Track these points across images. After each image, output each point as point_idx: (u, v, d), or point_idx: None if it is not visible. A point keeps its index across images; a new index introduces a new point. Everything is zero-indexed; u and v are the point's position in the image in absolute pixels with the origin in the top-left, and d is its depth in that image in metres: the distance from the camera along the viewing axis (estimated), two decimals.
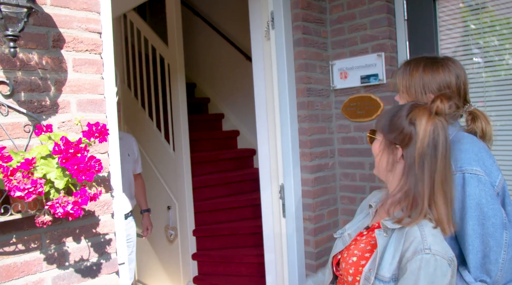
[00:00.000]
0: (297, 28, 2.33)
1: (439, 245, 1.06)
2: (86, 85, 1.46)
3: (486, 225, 1.18)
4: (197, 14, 4.90)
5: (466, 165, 1.22)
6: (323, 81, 2.43)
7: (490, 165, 1.23)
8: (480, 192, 1.19)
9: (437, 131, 1.12)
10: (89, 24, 1.47)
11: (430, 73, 1.35)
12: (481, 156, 1.24)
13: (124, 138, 2.94)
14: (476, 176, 1.20)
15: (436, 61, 1.37)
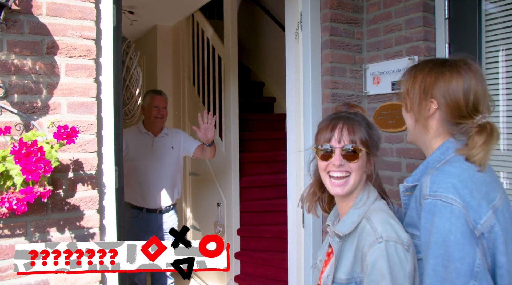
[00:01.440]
0: (325, 29, 2.20)
1: (390, 231, 1.06)
2: (77, 88, 1.56)
3: (449, 269, 0.97)
4: (267, 12, 4.90)
5: (442, 190, 1.01)
6: (354, 86, 2.26)
7: (478, 198, 1.01)
8: (451, 227, 0.98)
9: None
10: (83, 32, 1.57)
11: (434, 76, 1.13)
12: (467, 185, 1.01)
13: (170, 134, 3.08)
14: (450, 205, 0.99)
15: (445, 63, 1.15)
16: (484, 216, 1.00)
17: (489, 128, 1.07)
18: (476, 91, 1.09)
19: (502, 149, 1.83)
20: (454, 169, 1.05)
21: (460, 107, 1.09)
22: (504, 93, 1.82)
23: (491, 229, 1.00)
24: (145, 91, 3.11)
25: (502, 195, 1.08)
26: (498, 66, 1.83)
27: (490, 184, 1.06)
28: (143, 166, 2.92)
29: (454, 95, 1.09)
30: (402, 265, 1.03)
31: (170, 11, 4.16)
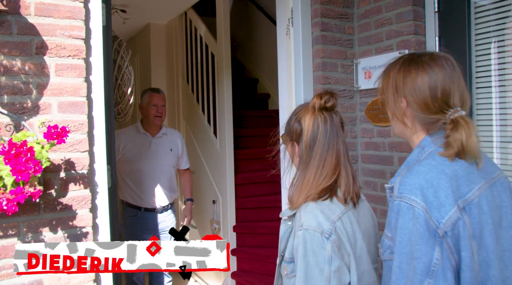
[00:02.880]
0: (315, 25, 2.20)
1: (311, 220, 1.16)
2: (67, 88, 1.56)
3: (411, 267, 1.01)
4: (260, 9, 4.90)
5: (407, 192, 1.03)
6: (345, 81, 2.27)
7: (443, 197, 1.01)
8: (412, 227, 1.01)
9: (317, 124, 1.26)
10: (73, 31, 1.57)
11: (402, 74, 1.14)
12: (434, 183, 1.02)
13: (169, 134, 3.09)
14: (412, 207, 1.01)
15: (412, 60, 1.14)
16: (446, 215, 1.00)
17: (463, 122, 1.05)
18: (443, 86, 1.08)
19: (495, 141, 1.84)
20: (423, 167, 1.06)
21: (428, 103, 1.10)
22: (496, 86, 1.83)
23: (454, 226, 1.00)
24: (142, 90, 3.13)
25: (484, 185, 1.07)
26: (488, 58, 1.84)
27: (464, 176, 1.05)
28: (141, 166, 2.92)
29: (420, 92, 1.10)
30: (317, 252, 1.13)
31: (162, 9, 4.15)
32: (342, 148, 1.27)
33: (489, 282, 1.03)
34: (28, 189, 1.22)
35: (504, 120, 1.80)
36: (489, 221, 1.04)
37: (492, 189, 1.09)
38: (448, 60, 1.13)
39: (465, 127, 1.05)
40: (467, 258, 1.00)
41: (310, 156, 1.26)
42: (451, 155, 1.05)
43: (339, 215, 1.19)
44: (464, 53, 1.85)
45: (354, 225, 1.20)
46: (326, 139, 1.26)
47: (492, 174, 1.11)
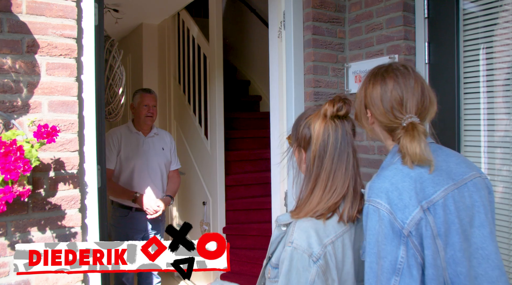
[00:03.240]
0: (307, 28, 2.22)
1: (303, 240, 1.12)
2: (58, 87, 1.56)
3: (379, 265, 1.08)
4: (253, 11, 4.92)
5: (374, 195, 1.10)
6: (336, 84, 2.29)
7: (407, 198, 1.07)
8: (379, 229, 1.08)
9: (327, 133, 1.19)
10: (64, 30, 1.56)
11: (364, 87, 1.24)
12: (398, 186, 1.08)
13: (160, 134, 3.11)
14: (378, 210, 1.08)
15: (373, 74, 1.24)
16: (410, 215, 1.06)
17: (410, 128, 1.12)
18: (394, 95, 1.16)
19: (483, 146, 1.87)
20: (389, 172, 1.12)
21: (383, 113, 1.18)
22: (484, 91, 1.87)
23: (417, 226, 1.06)
24: (134, 90, 3.12)
25: (452, 186, 1.12)
26: (476, 64, 1.87)
27: (430, 179, 1.10)
28: (133, 165, 2.92)
29: (375, 103, 1.19)
30: (301, 273, 1.11)
31: (155, 9, 4.14)
32: (352, 159, 1.21)
33: (457, 279, 1.08)
34: (17, 188, 1.21)
35: (492, 125, 1.83)
36: (455, 220, 1.10)
37: (463, 189, 1.13)
38: (399, 70, 1.20)
39: (410, 133, 1.12)
40: (429, 256, 1.05)
41: (319, 168, 1.20)
42: (407, 162, 1.11)
43: (333, 238, 1.15)
44: (453, 58, 1.88)
45: (346, 250, 1.18)
46: (337, 150, 1.20)
47: (463, 175, 1.15)
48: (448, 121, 1.91)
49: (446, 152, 1.19)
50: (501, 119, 1.79)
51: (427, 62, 1.99)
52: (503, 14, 1.77)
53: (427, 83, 1.23)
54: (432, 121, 1.24)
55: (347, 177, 1.20)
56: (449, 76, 1.90)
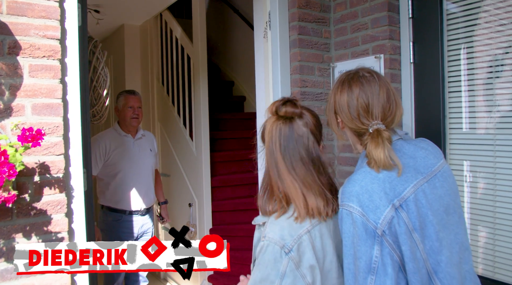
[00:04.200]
0: (293, 28, 2.22)
1: (275, 233, 1.16)
2: (42, 90, 1.52)
3: (356, 266, 1.12)
4: (236, 11, 4.91)
5: (346, 199, 1.14)
6: (322, 84, 2.30)
7: (377, 199, 1.11)
8: (353, 231, 1.12)
9: (274, 131, 1.24)
10: (47, 31, 1.52)
11: (333, 93, 1.28)
12: (368, 189, 1.13)
13: (147, 135, 3.10)
14: (350, 213, 1.12)
15: (341, 81, 1.27)
16: (381, 215, 1.10)
17: (375, 134, 1.16)
18: (360, 102, 1.20)
19: (467, 144, 1.91)
20: (358, 175, 1.16)
21: (350, 120, 1.22)
22: (466, 90, 1.90)
23: (390, 225, 1.10)
24: (116, 92, 3.09)
25: (421, 181, 1.16)
26: (459, 63, 1.90)
27: (398, 178, 1.14)
28: (125, 168, 2.89)
29: (343, 109, 1.23)
30: (273, 264, 1.14)
31: (137, 10, 4.09)
32: (307, 160, 1.22)
33: (438, 267, 1.13)
34: (1, 194, 1.17)
35: (475, 123, 1.87)
36: (428, 212, 1.14)
37: (433, 181, 1.18)
38: (365, 77, 1.23)
39: (375, 139, 1.16)
40: (407, 251, 1.09)
41: (271, 164, 1.25)
42: (373, 166, 1.15)
43: (309, 227, 1.18)
44: (437, 58, 1.91)
45: (325, 239, 1.19)
46: (286, 150, 1.23)
47: (431, 167, 1.21)
48: (433, 120, 1.94)
49: (413, 148, 1.23)
50: (484, 117, 1.83)
51: (412, 61, 2.01)
52: (483, 14, 1.81)
53: (413, 84, 1.27)
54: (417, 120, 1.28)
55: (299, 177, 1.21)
56: (433, 75, 1.93)
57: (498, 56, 1.77)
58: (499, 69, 1.77)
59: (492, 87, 1.80)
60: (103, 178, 2.90)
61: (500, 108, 1.78)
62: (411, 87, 2.02)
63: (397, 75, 2.05)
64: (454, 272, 1.13)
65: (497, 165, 1.77)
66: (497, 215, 1.77)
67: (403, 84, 2.04)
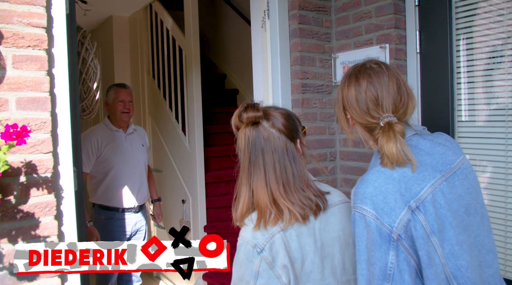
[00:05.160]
0: (293, 17, 2.12)
1: (248, 232, 1.14)
2: (27, 82, 1.40)
3: (370, 272, 1.05)
4: (228, 2, 4.78)
5: (359, 201, 1.07)
6: (323, 76, 2.21)
7: (392, 201, 1.04)
8: (367, 235, 1.05)
9: (241, 138, 1.21)
10: (32, 19, 1.40)
11: (341, 88, 1.22)
12: (382, 190, 1.05)
13: (138, 130, 2.99)
14: (364, 216, 1.05)
15: (348, 75, 1.21)
16: (397, 218, 1.03)
17: (387, 128, 1.09)
18: (369, 95, 1.13)
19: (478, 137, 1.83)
20: (371, 175, 1.09)
21: (360, 114, 1.15)
22: (475, 81, 1.82)
23: (406, 228, 1.03)
24: (105, 85, 2.96)
25: (439, 179, 1.08)
26: (469, 53, 1.82)
27: (414, 176, 1.07)
28: (117, 164, 2.79)
29: (351, 104, 1.16)
30: (246, 264, 1.12)
31: (125, 1, 3.94)
32: (277, 161, 1.18)
33: (458, 273, 1.05)
34: None
35: (486, 116, 1.80)
36: (447, 214, 1.07)
37: (452, 179, 1.10)
38: (372, 69, 1.16)
39: (386, 133, 1.08)
40: (424, 256, 1.02)
41: (242, 173, 1.23)
42: (386, 163, 1.07)
43: (282, 226, 1.13)
44: (445, 47, 1.83)
45: (303, 238, 1.14)
46: (252, 156, 1.19)
47: (451, 164, 1.13)
48: (440, 112, 1.86)
49: (430, 144, 1.15)
50: (495, 109, 1.76)
51: (419, 51, 1.93)
52: (496, 1, 1.73)
53: (419, 75, 1.19)
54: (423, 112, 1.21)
55: (270, 183, 1.17)
56: (441, 65, 1.85)
57: (510, 45, 1.69)
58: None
59: (504, 78, 1.72)
60: (95, 175, 2.78)
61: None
62: (417, 78, 1.94)
63: (403, 65, 1.96)
64: (474, 277, 1.06)
65: (509, 160, 1.70)
66: (509, 211, 1.71)
67: (409, 75, 1.96)
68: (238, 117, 1.22)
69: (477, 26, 1.80)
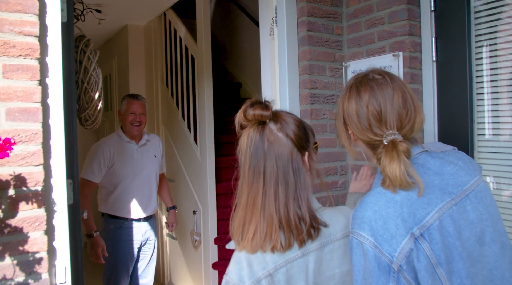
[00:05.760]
0: (301, 24, 2.03)
1: (235, 273, 1.02)
2: (18, 93, 1.35)
3: None
4: (243, 10, 4.73)
5: (357, 226, 0.97)
6: (334, 85, 2.10)
7: (393, 227, 0.92)
8: (364, 264, 0.94)
9: (246, 140, 1.05)
10: (24, 27, 1.36)
11: (341, 101, 1.11)
12: (382, 214, 0.94)
13: (151, 140, 2.95)
14: (361, 243, 0.94)
15: (349, 86, 1.10)
16: (398, 247, 0.91)
17: (390, 147, 0.98)
18: (371, 110, 1.02)
19: (498, 152, 1.69)
20: (371, 197, 0.98)
21: (360, 129, 1.05)
22: (497, 92, 1.69)
23: (408, 259, 0.91)
24: (120, 94, 2.93)
25: (448, 203, 0.97)
26: (490, 61, 1.69)
27: (419, 200, 0.95)
28: (127, 177, 2.75)
29: (352, 118, 1.06)
30: None
31: (140, 10, 3.94)
32: (280, 172, 1.04)
33: None
34: None
35: (506, 129, 1.65)
36: (457, 243, 0.94)
37: (464, 203, 0.99)
38: (375, 80, 1.04)
39: (390, 153, 0.96)
40: None
41: (241, 182, 1.09)
42: (388, 186, 0.96)
43: (271, 270, 1.01)
44: (464, 55, 1.70)
45: (294, 282, 1.02)
46: (248, 163, 1.05)
47: (462, 186, 1.00)
48: (459, 125, 1.73)
49: (439, 162, 1.02)
50: None
51: (435, 59, 1.81)
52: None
53: (435, 85, 1.08)
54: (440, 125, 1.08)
55: (270, 196, 1.03)
56: (460, 75, 1.72)
57: None
58: None
59: None
60: (105, 186, 2.76)
61: None
62: (433, 88, 1.81)
63: (418, 75, 1.84)
64: None
65: None
66: None
67: (425, 85, 1.83)
68: (244, 114, 1.07)
69: (500, 31, 1.66)
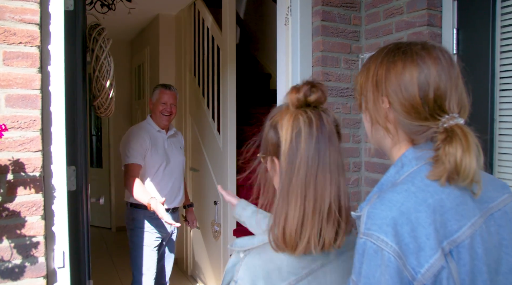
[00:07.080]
0: (316, 13, 1.95)
1: (246, 282, 0.91)
2: (17, 79, 1.38)
3: None
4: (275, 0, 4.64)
5: (375, 228, 0.76)
6: (349, 78, 2.01)
7: (423, 237, 0.74)
8: (381, 277, 0.74)
9: (297, 128, 0.90)
10: (24, 15, 1.38)
11: (385, 67, 0.87)
12: (412, 218, 0.75)
13: (177, 133, 2.95)
14: (381, 250, 0.74)
15: (399, 49, 0.87)
16: (426, 263, 0.74)
17: (460, 133, 0.79)
18: (437, 84, 0.82)
19: None
20: (398, 195, 0.79)
21: (416, 106, 0.83)
22: None
23: (436, 278, 0.74)
24: (151, 83, 2.90)
25: (479, 219, 0.81)
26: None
27: (453, 208, 0.78)
28: (159, 164, 2.75)
29: (407, 91, 0.84)
30: None
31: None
32: (334, 166, 0.91)
33: None
34: None
35: None
36: (483, 268, 0.78)
37: (489, 223, 0.83)
38: (446, 52, 0.85)
39: (462, 140, 0.78)
40: None
41: (292, 178, 0.91)
42: (442, 176, 0.78)
43: (292, 282, 0.90)
44: (487, 48, 1.56)
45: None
46: (314, 151, 0.90)
47: (490, 203, 0.85)
48: (479, 124, 1.59)
49: None
50: None
51: (456, 52, 1.67)
52: None
53: None
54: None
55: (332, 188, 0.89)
56: (482, 69, 1.58)
57: None
58: None
59: None
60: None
61: None
62: None
63: None
64: None
65: None
66: None
67: None
68: (305, 95, 0.92)
69: None
